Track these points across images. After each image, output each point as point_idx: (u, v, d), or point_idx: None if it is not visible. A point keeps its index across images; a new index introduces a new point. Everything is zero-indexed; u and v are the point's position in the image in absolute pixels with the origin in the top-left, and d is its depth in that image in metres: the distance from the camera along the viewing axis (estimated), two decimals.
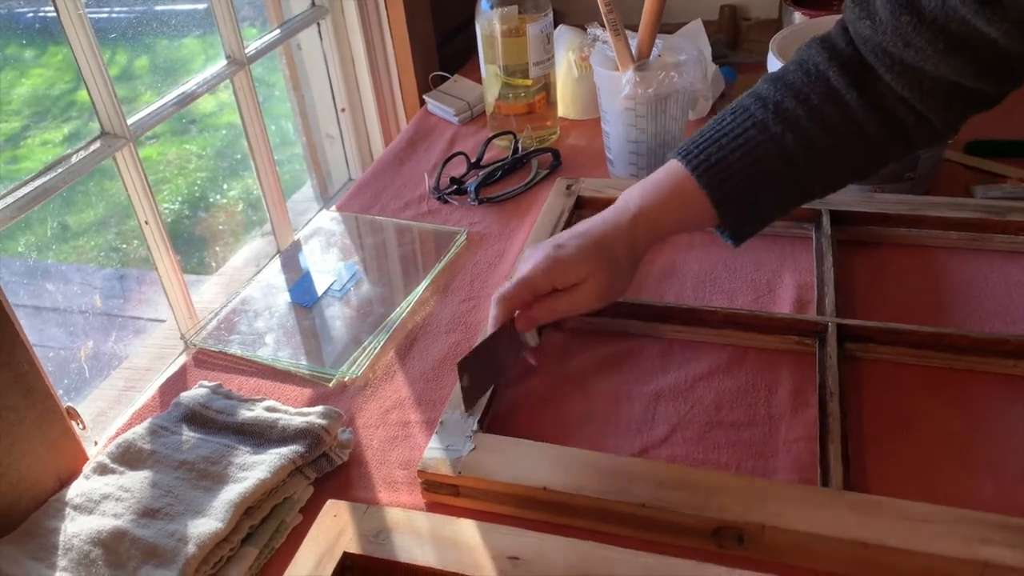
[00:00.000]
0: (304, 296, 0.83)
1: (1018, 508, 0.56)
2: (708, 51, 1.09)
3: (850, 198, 0.84)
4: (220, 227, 2.68)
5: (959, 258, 0.80)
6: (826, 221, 0.81)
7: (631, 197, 0.65)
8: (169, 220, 2.65)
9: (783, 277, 0.79)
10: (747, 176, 0.61)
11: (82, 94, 0.78)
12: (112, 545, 0.57)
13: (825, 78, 0.60)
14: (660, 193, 0.64)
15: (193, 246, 2.43)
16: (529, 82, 1.00)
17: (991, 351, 0.67)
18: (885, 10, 0.56)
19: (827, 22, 0.93)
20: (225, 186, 2.71)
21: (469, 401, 0.63)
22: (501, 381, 0.67)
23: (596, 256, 0.62)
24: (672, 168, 0.64)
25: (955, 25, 0.54)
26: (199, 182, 2.78)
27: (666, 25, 1.13)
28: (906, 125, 0.60)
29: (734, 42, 1.39)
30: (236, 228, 2.42)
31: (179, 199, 2.68)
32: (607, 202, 0.88)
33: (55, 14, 0.73)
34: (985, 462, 0.60)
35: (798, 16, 1.06)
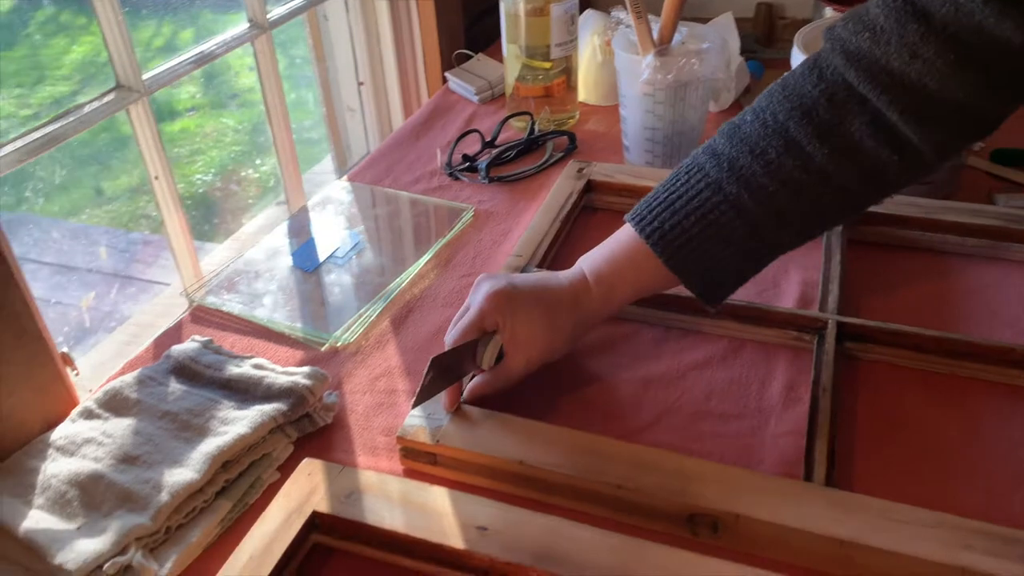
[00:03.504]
0: (306, 261, 0.83)
1: (1007, 519, 0.54)
2: (736, 43, 1.07)
3: None
4: (250, 201, 2.71)
5: (974, 265, 0.78)
6: None
7: (585, 264, 0.64)
8: (200, 191, 2.69)
9: (789, 273, 0.77)
10: (705, 240, 0.58)
11: None
12: (89, 487, 0.57)
13: (784, 129, 0.56)
14: (614, 261, 0.62)
15: (222, 218, 2.46)
16: (547, 65, 0.99)
17: (996, 360, 0.65)
18: (889, 19, 0.53)
19: None
20: (258, 161, 2.74)
21: (422, 397, 0.60)
22: (449, 386, 0.63)
23: (543, 315, 0.62)
24: (626, 234, 0.62)
25: (967, 34, 0.50)
26: (233, 155, 2.82)
27: (702, 20, 1.11)
28: (881, 166, 0.55)
29: (768, 39, 1.37)
30: (266, 203, 2.44)
31: (212, 171, 2.71)
32: (618, 187, 0.88)
33: None
34: (978, 471, 0.58)
35: (829, 11, 1.04)
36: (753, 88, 1.11)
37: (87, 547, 0.53)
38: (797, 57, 0.85)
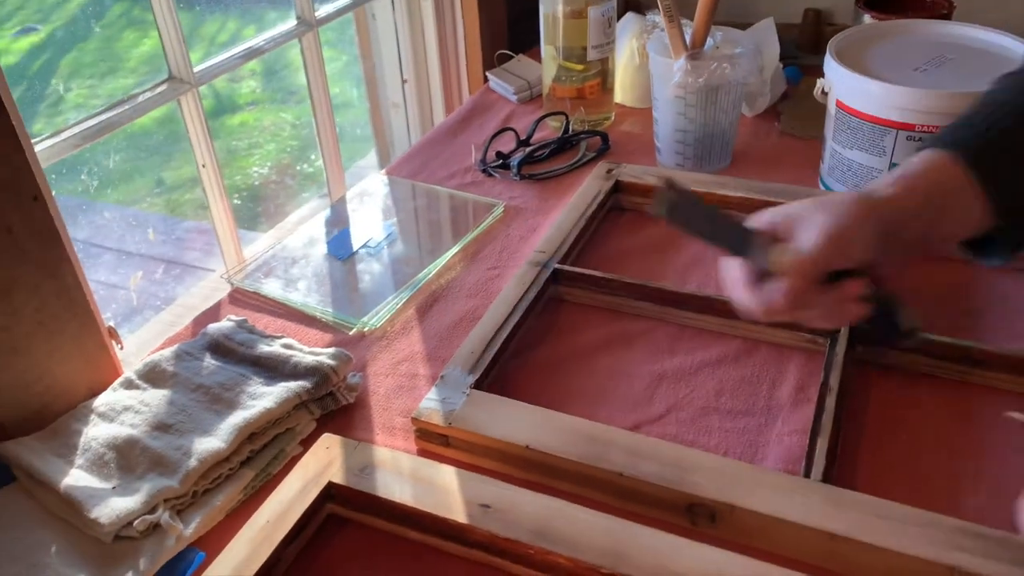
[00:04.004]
0: (340, 249, 0.86)
1: (1008, 525, 0.55)
2: (775, 49, 1.08)
3: None
4: (304, 195, 2.78)
5: (1002, 275, 0.77)
6: None
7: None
8: (256, 183, 2.77)
9: None
10: (1011, 141, 0.52)
11: (191, 56, 0.83)
12: (125, 451, 0.61)
13: None
14: (904, 168, 0.55)
15: (275, 210, 2.53)
16: (580, 67, 1.01)
17: (1008, 368, 0.65)
18: None
19: (892, 27, 0.92)
20: (313, 156, 2.81)
21: (666, 210, 0.53)
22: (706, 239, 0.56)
23: (826, 203, 0.53)
24: (924, 152, 0.55)
25: None
26: (289, 150, 2.90)
27: (747, 24, 1.12)
28: None
29: (815, 46, 1.36)
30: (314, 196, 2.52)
31: (268, 164, 2.79)
32: (645, 188, 0.89)
33: None
34: (983, 476, 0.59)
35: (867, 18, 1.04)
36: (791, 94, 1.11)
37: (120, 505, 0.57)
38: (830, 65, 0.86)
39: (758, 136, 1.04)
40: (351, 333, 0.76)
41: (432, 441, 0.63)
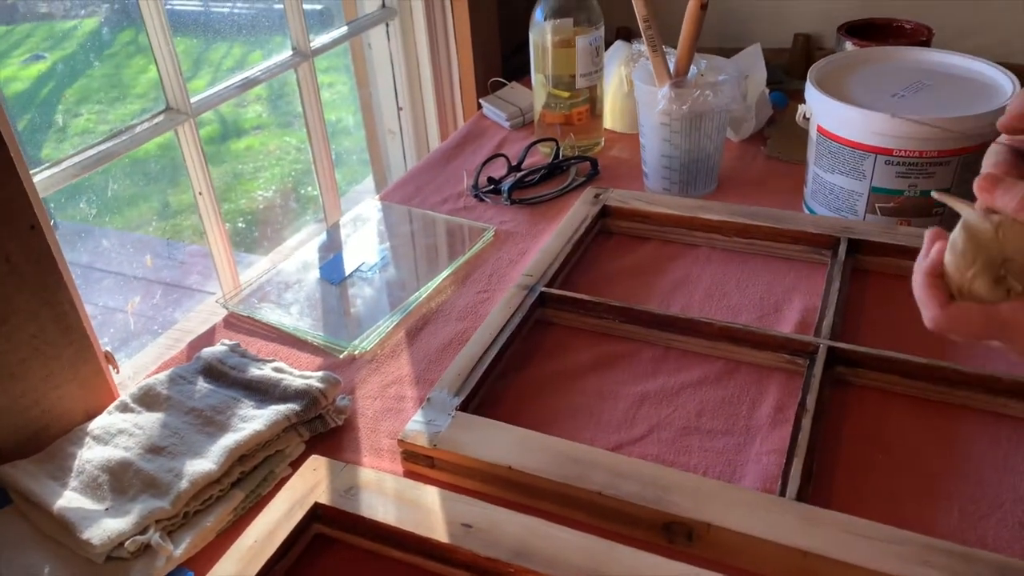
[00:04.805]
0: (332, 274, 0.88)
1: (978, 542, 0.56)
2: (762, 75, 1.10)
3: (872, 228, 0.84)
4: (307, 218, 2.81)
5: None
6: (842, 248, 0.81)
7: None
8: (261, 207, 2.80)
9: (792, 300, 0.80)
10: None
11: (196, 83, 0.86)
12: (118, 473, 0.63)
13: None
14: None
15: (271, 233, 2.56)
16: (566, 94, 1.03)
17: (983, 387, 0.66)
18: None
19: (872, 54, 0.94)
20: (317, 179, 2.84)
21: None
22: None
23: None
24: None
25: None
26: (293, 174, 2.93)
27: (737, 49, 1.14)
28: None
29: (805, 71, 1.39)
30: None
31: (273, 187, 2.83)
32: (631, 213, 0.91)
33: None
34: (955, 496, 0.60)
35: (849, 45, 1.06)
36: (777, 119, 1.13)
37: (112, 526, 0.58)
38: (810, 92, 0.88)
39: (744, 160, 1.06)
40: (341, 356, 0.78)
41: (418, 463, 0.64)
